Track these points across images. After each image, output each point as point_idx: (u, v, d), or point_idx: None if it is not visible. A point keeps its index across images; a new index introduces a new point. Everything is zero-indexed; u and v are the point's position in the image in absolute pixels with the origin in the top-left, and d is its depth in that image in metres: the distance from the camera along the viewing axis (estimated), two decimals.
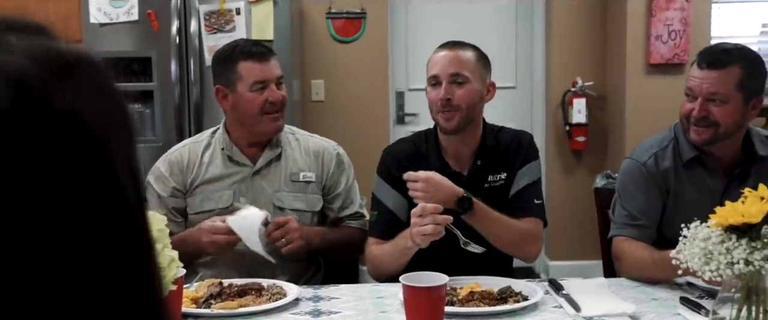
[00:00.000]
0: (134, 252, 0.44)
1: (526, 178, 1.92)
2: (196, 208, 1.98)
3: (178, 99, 3.18)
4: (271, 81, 1.95)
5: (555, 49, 4.19)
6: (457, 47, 1.91)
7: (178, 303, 1.51)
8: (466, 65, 1.87)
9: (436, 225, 1.63)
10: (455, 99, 1.84)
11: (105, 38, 3.20)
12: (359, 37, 4.11)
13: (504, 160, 1.93)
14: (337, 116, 4.13)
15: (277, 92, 1.96)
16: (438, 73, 1.87)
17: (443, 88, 1.85)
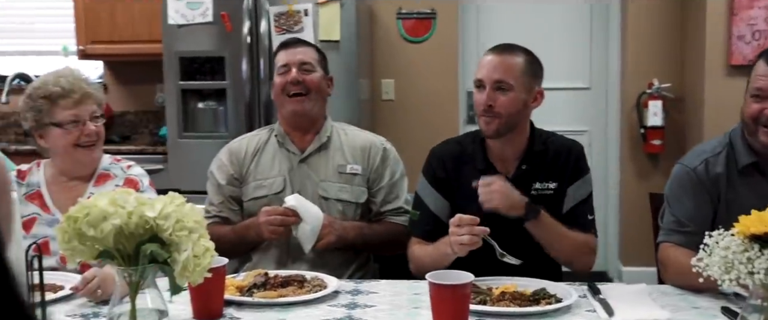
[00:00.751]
0: None
1: (580, 194, 1.92)
2: (249, 195, 2.08)
3: (248, 96, 3.31)
4: (293, 65, 2.06)
5: (630, 49, 4.08)
6: (507, 52, 1.89)
7: (220, 290, 1.59)
8: (512, 73, 1.85)
9: (473, 236, 1.64)
10: (497, 106, 1.84)
11: (182, 39, 3.37)
12: (429, 37, 4.14)
13: (553, 168, 1.92)
14: (407, 115, 4.18)
15: (293, 74, 2.05)
16: (483, 77, 1.86)
17: (486, 93, 1.85)
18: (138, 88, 4.35)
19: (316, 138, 2.10)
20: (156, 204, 1.32)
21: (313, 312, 1.60)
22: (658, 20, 4.01)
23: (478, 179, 1.89)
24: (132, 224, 1.30)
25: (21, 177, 1.98)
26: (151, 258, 1.31)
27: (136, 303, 1.33)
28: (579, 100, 4.36)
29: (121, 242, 1.31)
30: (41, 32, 4.37)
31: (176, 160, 3.49)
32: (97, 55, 4.05)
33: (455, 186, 1.94)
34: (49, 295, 1.66)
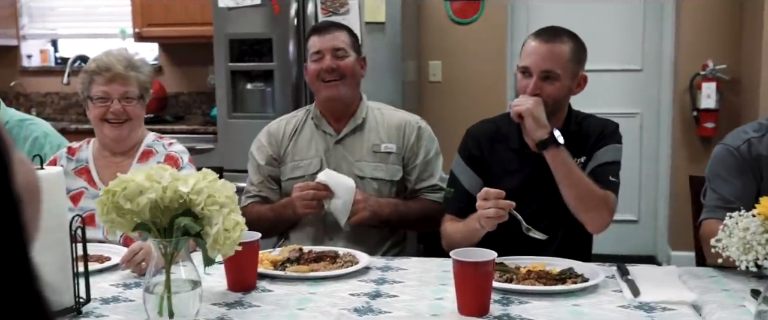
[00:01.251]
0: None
1: (606, 157, 1.90)
2: (287, 175, 2.15)
3: (295, 77, 3.37)
4: (327, 51, 2.09)
5: (685, 30, 3.98)
6: (554, 39, 1.86)
7: (253, 263, 1.66)
8: (560, 61, 1.84)
9: (498, 209, 1.66)
10: (543, 95, 1.84)
11: (232, 21, 3.45)
12: (477, 18, 4.12)
13: (585, 144, 1.92)
14: (454, 97, 4.18)
15: (327, 61, 2.08)
16: (530, 65, 1.85)
17: (533, 82, 1.84)
18: (191, 69, 4.47)
19: (352, 119, 2.14)
20: (189, 179, 1.38)
21: (342, 286, 1.65)
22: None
23: (513, 157, 1.91)
24: (166, 198, 1.36)
25: (71, 153, 2.08)
26: (184, 230, 1.37)
27: (170, 274, 1.40)
28: (631, 82, 4.28)
29: (157, 215, 1.38)
30: (101, 16, 4.54)
31: (225, 139, 3.59)
32: (152, 37, 4.18)
33: (489, 164, 1.96)
34: (96, 265, 1.75)
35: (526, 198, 1.88)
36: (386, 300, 1.55)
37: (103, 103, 1.98)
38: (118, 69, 1.97)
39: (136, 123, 2.04)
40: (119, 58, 2.01)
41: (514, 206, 1.68)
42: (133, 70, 2.01)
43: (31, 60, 4.66)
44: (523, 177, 1.93)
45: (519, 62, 1.91)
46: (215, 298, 1.59)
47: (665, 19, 4.15)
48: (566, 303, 1.51)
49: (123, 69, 1.98)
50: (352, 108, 2.15)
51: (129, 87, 2.00)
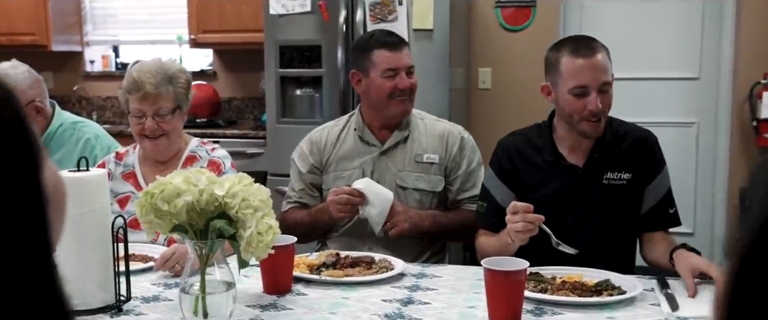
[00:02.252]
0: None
1: (659, 191, 1.89)
2: (329, 185, 2.16)
3: (343, 84, 3.41)
4: (402, 69, 2.08)
5: (745, 37, 3.85)
6: (596, 51, 1.82)
7: (288, 266, 1.68)
8: (609, 70, 1.83)
9: (527, 223, 1.64)
10: (604, 107, 1.82)
11: (282, 28, 3.51)
12: (528, 26, 4.09)
13: (627, 159, 1.88)
14: (503, 104, 4.15)
15: (406, 80, 2.08)
16: (588, 83, 1.79)
17: (594, 98, 1.79)
18: (244, 75, 4.56)
19: (398, 131, 2.14)
20: (225, 183, 1.42)
21: (375, 292, 1.66)
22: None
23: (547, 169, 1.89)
24: (203, 201, 1.40)
25: (118, 157, 2.15)
26: (218, 233, 1.41)
27: (205, 275, 1.43)
28: (687, 91, 4.17)
29: (193, 217, 1.42)
30: (160, 23, 4.68)
31: (274, 144, 3.65)
32: (207, 43, 4.29)
33: (521, 176, 1.94)
34: (138, 265, 1.81)
35: (561, 209, 1.85)
36: (417, 307, 1.55)
37: (138, 120, 2.01)
38: (147, 88, 1.97)
39: (172, 135, 2.05)
40: (152, 73, 1.99)
41: (543, 220, 1.65)
42: (166, 85, 1.99)
43: (93, 65, 4.84)
44: (557, 188, 1.89)
45: (563, 82, 1.82)
46: (250, 300, 1.62)
47: (724, 25, 4.03)
48: (601, 315, 1.48)
49: (153, 88, 1.97)
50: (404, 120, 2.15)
51: (161, 103, 1.99)
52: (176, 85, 2.03)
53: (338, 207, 1.98)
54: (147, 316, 1.53)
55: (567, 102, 1.84)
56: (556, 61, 1.86)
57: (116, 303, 1.55)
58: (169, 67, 2.04)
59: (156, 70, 2.01)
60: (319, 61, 3.50)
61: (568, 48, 1.85)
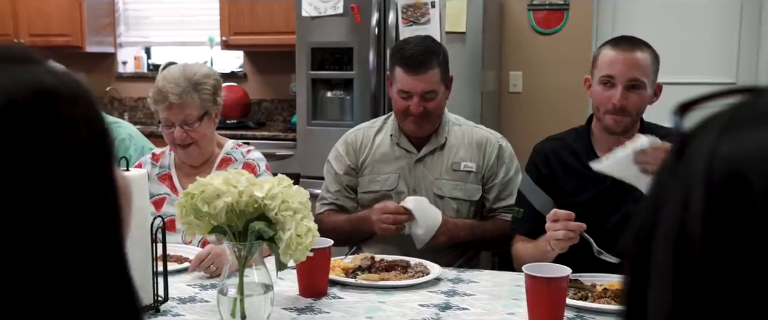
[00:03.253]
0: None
1: None
2: (364, 188, 2.15)
3: (374, 86, 3.40)
4: (416, 94, 2.01)
5: None
6: (636, 48, 1.81)
7: (324, 270, 1.67)
8: (644, 70, 1.80)
9: (568, 231, 1.61)
10: (629, 105, 1.79)
11: (314, 30, 3.51)
12: (561, 29, 4.04)
13: None
14: (534, 108, 4.11)
15: (419, 105, 2.01)
16: (615, 74, 1.79)
17: (619, 92, 1.78)
18: (274, 77, 4.57)
19: (434, 139, 2.12)
20: (264, 185, 1.41)
21: (411, 296, 1.65)
22: None
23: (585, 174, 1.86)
24: (242, 202, 1.40)
25: (155, 159, 2.16)
26: (257, 234, 1.40)
27: (244, 277, 1.43)
28: None
29: (232, 219, 1.42)
30: (191, 24, 4.71)
31: (304, 146, 3.65)
32: (238, 45, 4.31)
33: (559, 182, 1.91)
34: (175, 265, 1.81)
35: (601, 214, 1.82)
36: (455, 313, 1.53)
37: (168, 130, 2.00)
38: (171, 98, 1.95)
39: (203, 142, 2.03)
40: (175, 82, 1.96)
41: (585, 228, 1.62)
42: (191, 94, 1.97)
43: (126, 66, 4.88)
44: (596, 193, 1.86)
45: (597, 72, 1.84)
46: (287, 303, 1.61)
47: (763, 28, 3.95)
48: None
49: (176, 98, 1.95)
50: (434, 129, 2.13)
51: (187, 112, 1.97)
52: (202, 92, 2.00)
53: (384, 226, 1.96)
54: (184, 317, 1.53)
55: (595, 92, 1.84)
56: (598, 53, 1.87)
57: (154, 304, 1.55)
58: (193, 74, 2.00)
59: (179, 78, 1.98)
60: (350, 63, 3.49)
61: (611, 42, 1.87)
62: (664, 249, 0.46)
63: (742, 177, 0.42)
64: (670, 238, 0.45)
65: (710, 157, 0.44)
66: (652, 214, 0.48)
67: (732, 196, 0.42)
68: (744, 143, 0.43)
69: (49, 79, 0.54)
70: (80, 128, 0.54)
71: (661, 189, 0.48)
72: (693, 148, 0.46)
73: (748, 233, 0.41)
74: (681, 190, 0.45)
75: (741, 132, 0.44)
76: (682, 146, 0.47)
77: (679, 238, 0.45)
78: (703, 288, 0.43)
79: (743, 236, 0.41)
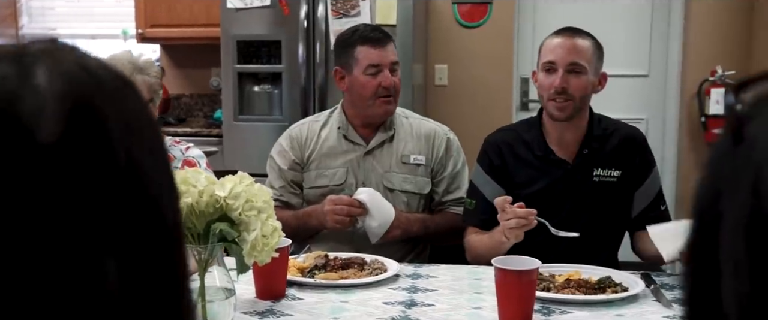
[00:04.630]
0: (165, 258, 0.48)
1: (650, 193, 1.90)
2: (310, 183, 2.09)
3: (304, 80, 3.32)
4: (385, 66, 2.01)
5: (693, 35, 3.96)
6: (576, 35, 1.86)
7: (283, 270, 1.61)
8: (585, 55, 1.83)
9: (519, 219, 1.61)
10: (571, 88, 1.81)
11: (239, 22, 3.39)
12: (485, 22, 4.09)
13: (616, 156, 1.88)
14: (460, 101, 4.15)
15: (390, 77, 2.01)
16: (556, 59, 1.83)
17: (560, 76, 1.81)
18: (193, 71, 4.40)
19: (383, 131, 2.08)
20: (226, 183, 1.33)
21: (373, 294, 1.61)
22: (725, 4, 3.88)
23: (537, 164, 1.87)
24: (202, 203, 1.31)
25: None
26: (220, 236, 1.32)
27: (204, 281, 1.35)
28: (637, 88, 4.26)
29: (192, 220, 1.33)
30: (103, 16, 4.46)
31: (231, 142, 3.53)
32: (155, 38, 4.12)
33: (511, 172, 1.92)
34: None
35: (554, 204, 1.84)
36: (422, 310, 1.51)
37: None
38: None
39: None
40: (122, 62, 1.88)
41: (535, 213, 1.63)
42: (139, 74, 1.89)
43: None
44: (547, 184, 1.89)
45: (540, 59, 1.88)
46: (245, 306, 1.54)
47: (673, 24, 4.13)
48: (609, 313, 1.47)
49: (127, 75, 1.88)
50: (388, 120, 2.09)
51: None
52: (148, 74, 1.91)
53: (336, 218, 1.91)
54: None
55: (540, 81, 1.87)
56: (542, 43, 1.90)
57: None
58: (138, 58, 1.94)
59: (127, 59, 1.90)
60: (278, 56, 3.40)
61: (554, 32, 1.90)
62: (734, 237, 0.44)
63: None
64: (741, 225, 0.43)
65: (763, 151, 0.42)
66: (713, 203, 0.46)
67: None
68: None
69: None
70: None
71: (720, 176, 0.46)
72: (754, 129, 0.44)
73: None
74: (748, 174, 0.43)
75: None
76: (740, 128, 0.44)
77: (751, 224, 0.42)
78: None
79: None
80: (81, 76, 0.47)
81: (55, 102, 0.44)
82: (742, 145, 0.44)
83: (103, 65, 0.49)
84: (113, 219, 0.45)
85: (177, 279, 0.50)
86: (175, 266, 0.50)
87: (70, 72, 0.46)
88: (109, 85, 0.48)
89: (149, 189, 0.47)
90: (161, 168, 0.50)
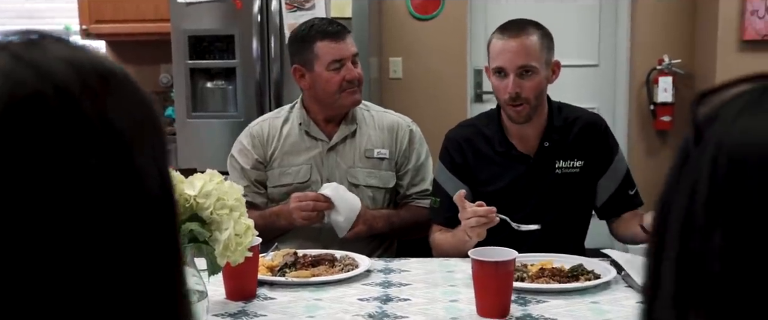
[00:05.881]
0: (154, 239, 0.47)
1: (615, 180, 1.89)
2: (274, 181, 2.04)
3: (259, 75, 3.26)
4: (347, 59, 1.98)
5: (640, 25, 4.05)
6: (522, 33, 1.79)
7: (254, 270, 1.57)
8: (533, 54, 1.78)
9: (479, 218, 1.60)
10: (524, 92, 1.78)
11: (190, 17, 3.31)
12: (438, 15, 4.09)
13: (578, 146, 1.87)
14: (414, 94, 4.14)
15: (354, 70, 1.98)
16: (504, 65, 1.78)
17: (511, 81, 1.77)
18: (142, 68, 4.28)
19: (345, 125, 2.05)
20: (195, 182, 1.29)
21: (347, 291, 1.58)
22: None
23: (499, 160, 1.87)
24: None
25: None
26: (191, 237, 1.28)
27: None
28: (587, 78, 4.33)
29: None
30: (44, 12, 4.29)
31: (185, 140, 3.44)
32: (100, 34, 3.98)
33: (473, 169, 1.90)
34: None
35: (518, 200, 1.84)
36: (399, 304, 1.49)
37: None
38: None
39: None
40: None
41: (494, 211, 1.62)
42: None
43: None
44: (510, 180, 1.87)
45: (489, 63, 1.84)
46: (216, 308, 1.49)
47: (620, 15, 4.21)
48: (584, 301, 1.48)
49: None
50: (348, 114, 2.06)
51: None
52: None
53: (303, 214, 1.87)
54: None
55: (492, 83, 1.85)
56: (489, 41, 1.86)
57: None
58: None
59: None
60: (232, 51, 3.32)
61: (499, 29, 1.85)
62: (671, 234, 0.47)
63: (743, 166, 0.42)
64: (677, 223, 0.46)
65: (718, 145, 0.44)
66: (666, 202, 0.48)
67: (733, 185, 0.42)
68: (749, 132, 0.43)
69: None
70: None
71: (676, 177, 0.48)
72: (706, 135, 0.46)
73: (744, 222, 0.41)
74: (691, 178, 0.45)
75: (749, 121, 0.44)
76: (699, 134, 0.47)
77: (684, 225, 0.45)
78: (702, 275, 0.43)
79: (739, 225, 0.42)
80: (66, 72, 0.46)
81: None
82: (699, 145, 0.46)
83: (95, 58, 0.49)
84: (113, 219, 0.44)
85: (175, 282, 0.50)
86: (175, 271, 0.49)
87: (60, 58, 0.46)
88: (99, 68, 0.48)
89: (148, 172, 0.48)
90: (166, 172, 0.49)
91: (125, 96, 0.48)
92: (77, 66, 0.46)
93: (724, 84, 0.48)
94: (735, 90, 0.47)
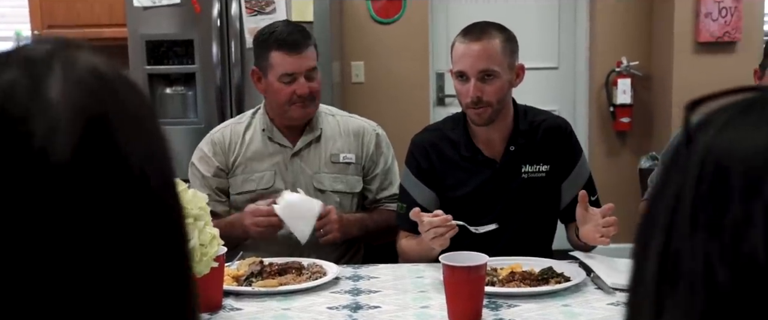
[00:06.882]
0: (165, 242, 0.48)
1: (578, 184, 1.87)
2: (237, 189, 2.00)
3: (219, 81, 3.20)
4: (300, 74, 1.92)
5: (599, 28, 4.10)
6: (483, 36, 1.77)
7: (220, 280, 1.52)
8: (495, 58, 1.76)
9: (436, 229, 1.59)
10: (485, 96, 1.77)
11: (148, 21, 3.23)
12: (399, 18, 4.08)
13: (543, 150, 1.86)
14: (377, 98, 4.12)
15: (305, 85, 1.92)
16: (465, 69, 1.77)
17: (472, 85, 1.75)
18: None
19: (309, 131, 2.01)
20: None
21: (316, 299, 1.55)
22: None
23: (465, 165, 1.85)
24: None
25: None
26: None
27: None
28: (547, 80, 4.37)
29: None
30: None
31: None
32: None
33: (440, 174, 1.88)
34: None
35: (485, 205, 1.83)
36: (369, 312, 1.46)
37: None
38: None
39: None
40: None
41: (450, 218, 1.61)
42: None
43: None
44: (477, 185, 1.86)
45: (452, 67, 1.83)
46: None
47: (579, 18, 4.26)
48: (555, 304, 1.48)
49: None
50: (310, 120, 2.02)
51: None
52: None
53: (258, 229, 1.83)
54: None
55: (455, 87, 1.83)
56: (452, 45, 1.84)
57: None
58: None
59: None
60: (191, 56, 3.26)
61: (462, 32, 1.83)
62: (656, 231, 0.47)
63: (726, 173, 0.43)
64: (662, 226, 0.47)
65: (705, 152, 0.45)
66: (653, 203, 0.49)
67: (717, 189, 0.44)
68: (735, 140, 0.45)
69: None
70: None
71: (664, 181, 0.49)
72: (696, 142, 0.47)
73: (720, 227, 0.43)
74: (679, 178, 0.47)
75: (737, 129, 0.45)
76: (689, 140, 0.48)
77: (668, 224, 0.46)
78: (681, 274, 0.44)
79: (716, 230, 0.43)
80: (94, 85, 0.45)
81: (68, 120, 0.43)
82: (690, 148, 0.47)
83: (115, 69, 0.49)
84: (128, 235, 0.44)
85: (186, 290, 0.51)
86: (187, 278, 0.51)
87: (84, 81, 0.45)
88: (122, 93, 0.48)
89: (165, 201, 0.47)
90: (170, 177, 0.49)
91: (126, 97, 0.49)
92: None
93: (716, 93, 0.49)
94: (728, 99, 0.48)
